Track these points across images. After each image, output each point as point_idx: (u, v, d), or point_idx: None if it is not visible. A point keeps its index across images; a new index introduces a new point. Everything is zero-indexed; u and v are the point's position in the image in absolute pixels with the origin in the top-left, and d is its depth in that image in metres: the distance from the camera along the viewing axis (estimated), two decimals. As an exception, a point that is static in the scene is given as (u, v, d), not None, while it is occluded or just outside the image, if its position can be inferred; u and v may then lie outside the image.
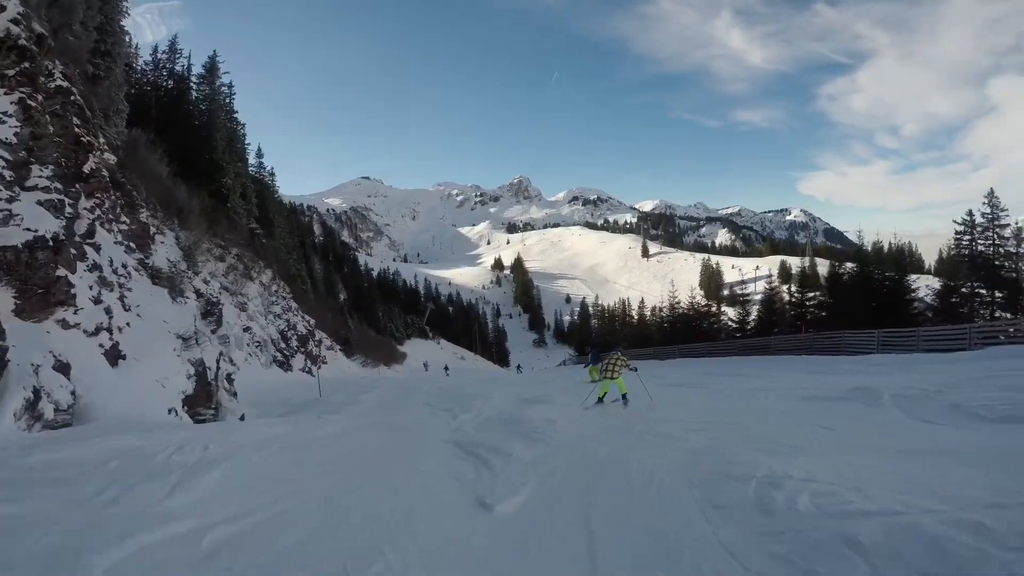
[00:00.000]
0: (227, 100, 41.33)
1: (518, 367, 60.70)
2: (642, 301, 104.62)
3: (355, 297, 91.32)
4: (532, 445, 7.76)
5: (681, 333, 39.80)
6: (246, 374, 21.88)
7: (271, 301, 36.79)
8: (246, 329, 30.34)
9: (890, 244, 33.75)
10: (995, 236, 24.71)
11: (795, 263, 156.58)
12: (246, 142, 46.41)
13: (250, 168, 47.90)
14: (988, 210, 24.81)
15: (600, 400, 12.36)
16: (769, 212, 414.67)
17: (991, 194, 24.85)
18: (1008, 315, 22.00)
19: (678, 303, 45.44)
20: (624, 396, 12.09)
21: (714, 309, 41.98)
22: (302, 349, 37.72)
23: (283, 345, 34.70)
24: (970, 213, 25.38)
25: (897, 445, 6.83)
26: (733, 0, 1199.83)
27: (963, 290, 25.14)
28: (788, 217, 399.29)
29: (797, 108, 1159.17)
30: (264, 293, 36.24)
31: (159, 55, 37.96)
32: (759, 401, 11.91)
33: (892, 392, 10.35)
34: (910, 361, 17.54)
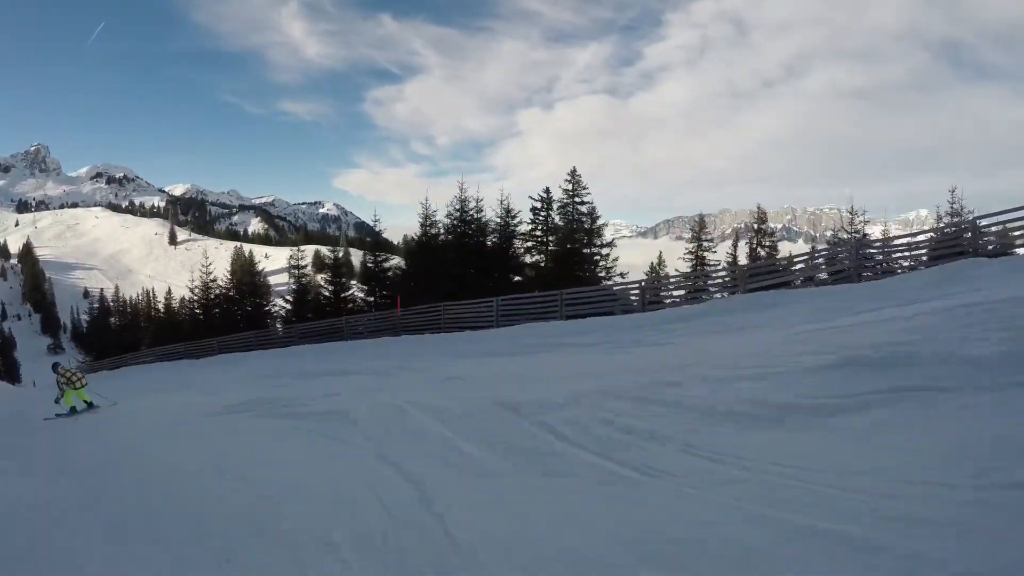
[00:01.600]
0: None
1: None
2: (169, 291, 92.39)
3: None
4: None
5: (223, 321, 32.96)
6: None
7: None
8: None
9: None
10: (574, 210, 26.32)
11: (327, 252, 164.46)
12: None
13: None
14: (570, 186, 26.35)
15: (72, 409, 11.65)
16: (303, 204, 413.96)
17: (574, 172, 26.42)
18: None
19: (214, 281, 36.49)
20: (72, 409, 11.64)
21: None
22: None
23: None
24: (547, 190, 26.63)
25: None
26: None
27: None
28: (322, 210, 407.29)
29: (344, 107, 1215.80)
30: None
31: None
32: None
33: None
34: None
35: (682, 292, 19.68)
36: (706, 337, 10.91)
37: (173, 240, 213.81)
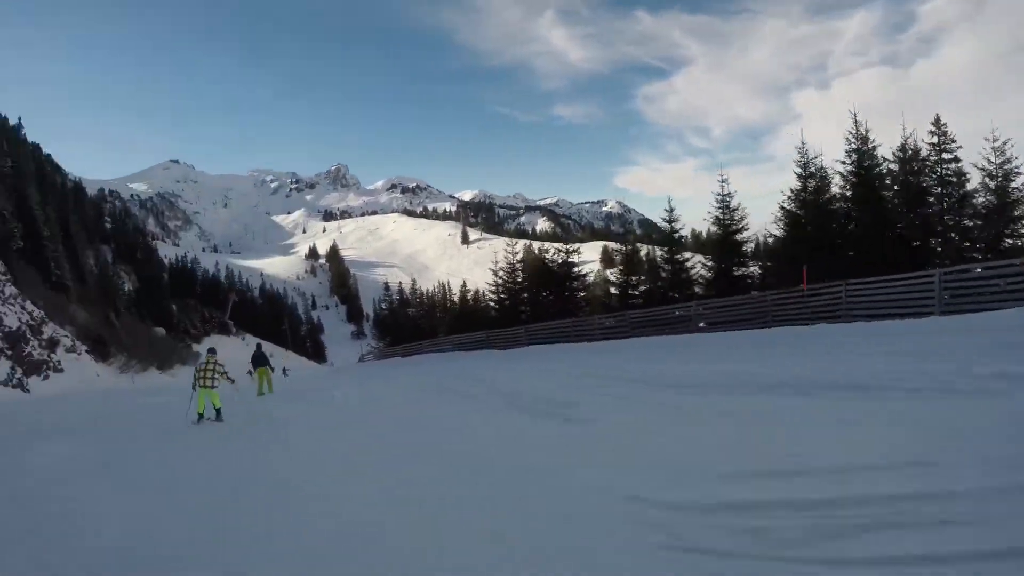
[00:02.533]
0: None
1: (284, 369, 44.94)
2: (464, 285, 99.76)
3: (146, 291, 77.59)
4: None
5: (532, 310, 28.00)
6: None
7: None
8: None
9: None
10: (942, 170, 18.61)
11: (615, 248, 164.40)
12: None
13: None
14: (936, 140, 18.55)
15: (201, 417, 10.43)
16: (586, 203, 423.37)
17: (938, 120, 18.31)
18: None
19: (520, 262, 31.04)
20: (219, 412, 10.58)
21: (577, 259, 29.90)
22: (9, 352, 27.56)
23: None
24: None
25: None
26: (558, 0, 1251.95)
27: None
28: (604, 208, 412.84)
29: (614, 106, 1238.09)
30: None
31: None
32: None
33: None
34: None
35: None
36: None
37: (465, 240, 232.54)
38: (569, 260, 28.44)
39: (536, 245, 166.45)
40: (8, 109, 62.60)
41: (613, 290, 29.06)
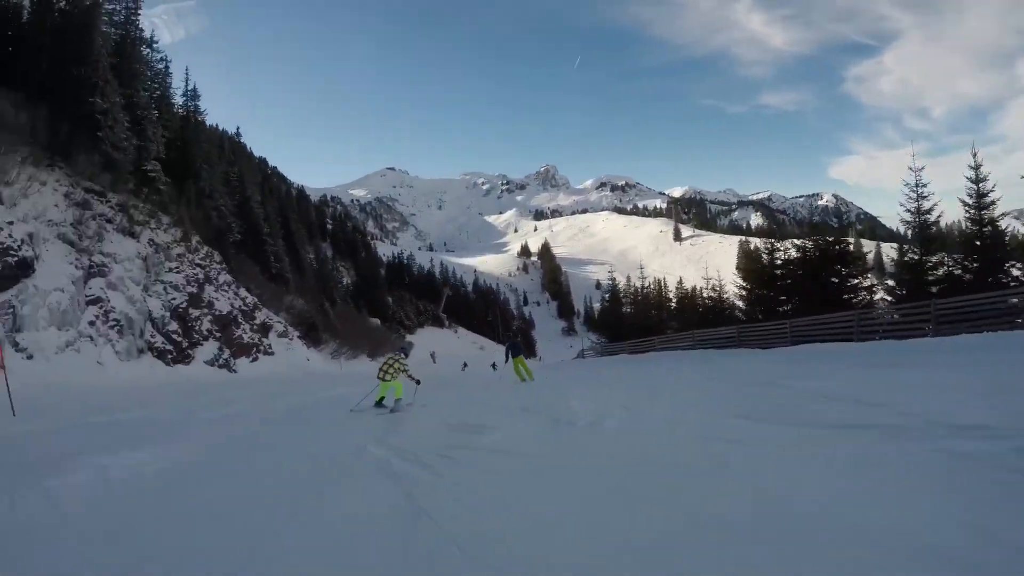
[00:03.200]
0: (121, 8, 31.63)
1: (493, 365, 41.12)
2: (680, 281, 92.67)
3: (364, 284, 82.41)
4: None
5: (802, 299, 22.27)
6: (66, 367, 16.81)
7: (167, 266, 26.68)
8: (94, 301, 20.24)
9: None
10: None
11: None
12: (167, 70, 36.61)
13: (176, 106, 37.97)
14: None
15: (379, 403, 10.70)
16: (800, 197, 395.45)
17: None
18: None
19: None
20: (397, 401, 10.56)
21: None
22: (218, 334, 27.61)
23: (171, 327, 24.53)
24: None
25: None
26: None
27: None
28: (820, 202, 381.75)
29: (824, 91, 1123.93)
30: (156, 256, 26.08)
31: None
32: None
33: None
34: None
35: None
36: None
37: (677, 237, 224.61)
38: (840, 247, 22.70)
39: (754, 242, 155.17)
40: (231, 124, 68.33)
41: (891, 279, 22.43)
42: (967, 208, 18.12)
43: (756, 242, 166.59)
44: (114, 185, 26.01)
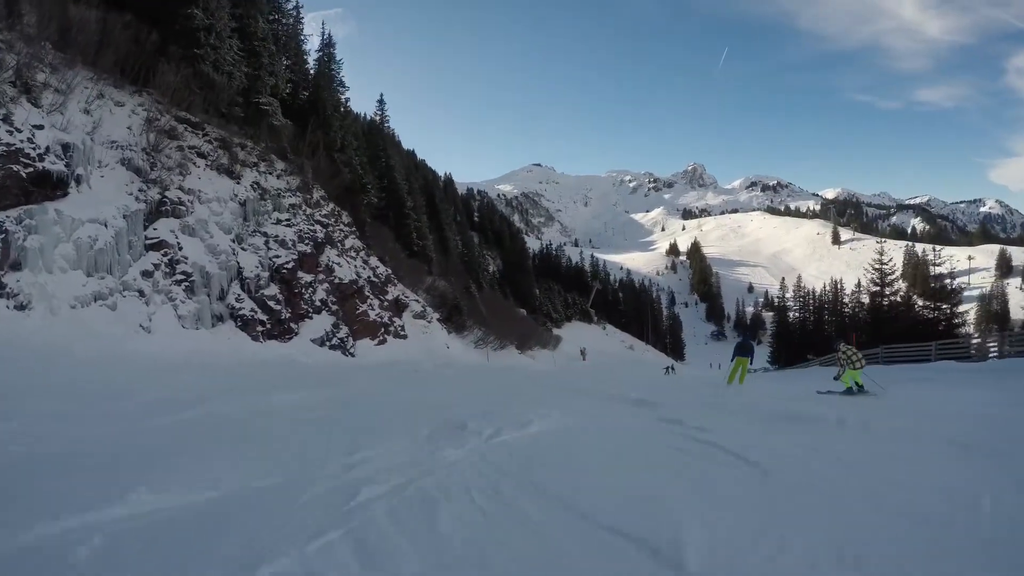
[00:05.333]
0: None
1: (668, 368, 41.90)
2: (840, 286, 77.95)
3: (510, 271, 76.57)
4: None
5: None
6: (85, 329, 11.69)
7: (273, 217, 20.67)
8: (156, 245, 14.17)
9: None
10: None
11: (1017, 254, 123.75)
12: (299, 16, 31.37)
13: (306, 53, 32.50)
14: None
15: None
16: (960, 203, 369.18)
17: None
18: None
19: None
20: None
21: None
22: (334, 306, 21.26)
23: (269, 290, 18.14)
24: None
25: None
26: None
27: None
28: (982, 209, 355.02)
29: (984, 84, 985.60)
30: (260, 202, 20.02)
31: None
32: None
33: None
34: None
35: None
36: None
37: (836, 240, 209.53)
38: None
39: (919, 248, 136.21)
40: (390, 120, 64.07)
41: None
42: None
43: (923, 248, 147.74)
44: (208, 109, 20.49)
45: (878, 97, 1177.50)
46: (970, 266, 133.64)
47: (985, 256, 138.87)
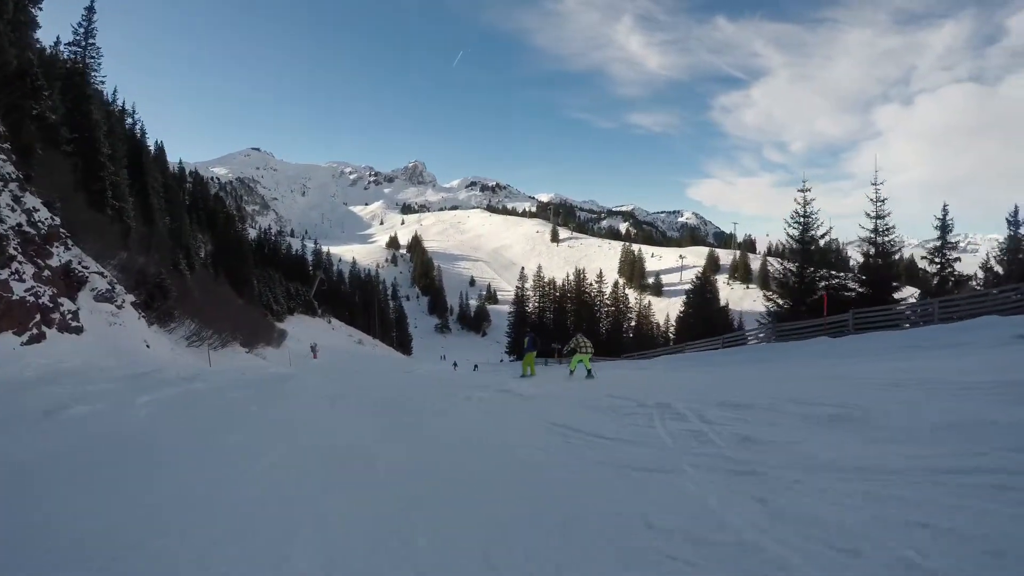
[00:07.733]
0: None
1: (455, 364, 47.71)
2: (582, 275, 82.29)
3: (224, 258, 64.02)
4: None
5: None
6: None
7: None
8: None
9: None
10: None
11: (722, 255, 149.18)
12: None
13: None
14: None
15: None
16: (662, 212, 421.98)
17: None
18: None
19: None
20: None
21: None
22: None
23: None
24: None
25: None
26: (636, 5, 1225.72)
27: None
28: (680, 219, 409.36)
29: (691, 116, 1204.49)
30: None
31: None
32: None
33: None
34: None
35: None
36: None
37: (555, 237, 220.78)
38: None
39: (635, 247, 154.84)
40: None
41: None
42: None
43: (639, 247, 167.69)
44: None
45: (597, 116, 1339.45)
46: (682, 264, 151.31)
47: (695, 256, 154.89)
